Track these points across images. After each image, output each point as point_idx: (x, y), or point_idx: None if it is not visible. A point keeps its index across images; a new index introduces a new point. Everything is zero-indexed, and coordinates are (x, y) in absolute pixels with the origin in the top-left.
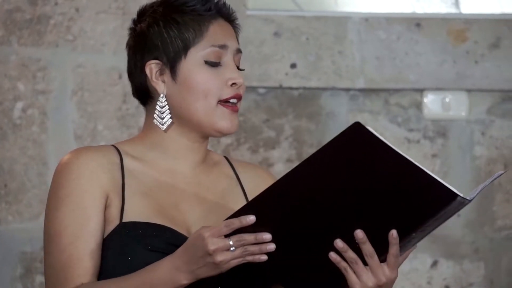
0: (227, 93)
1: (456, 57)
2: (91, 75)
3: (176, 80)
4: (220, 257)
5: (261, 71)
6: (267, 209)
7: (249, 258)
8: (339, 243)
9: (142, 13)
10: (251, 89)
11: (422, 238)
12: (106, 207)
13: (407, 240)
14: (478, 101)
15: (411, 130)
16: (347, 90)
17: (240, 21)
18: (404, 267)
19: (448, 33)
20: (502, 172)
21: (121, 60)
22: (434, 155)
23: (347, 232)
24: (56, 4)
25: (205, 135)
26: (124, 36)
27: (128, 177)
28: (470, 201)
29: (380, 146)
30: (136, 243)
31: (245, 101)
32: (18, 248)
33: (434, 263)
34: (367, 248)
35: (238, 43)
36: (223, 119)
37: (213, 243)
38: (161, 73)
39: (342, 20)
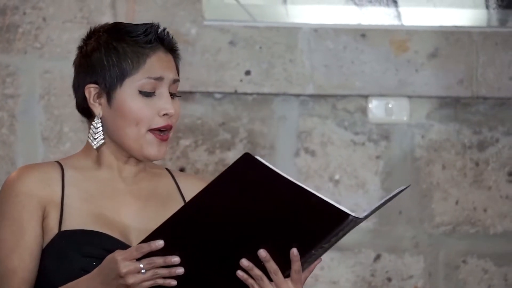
0: (158, 122)
1: (398, 65)
2: (58, 80)
3: (111, 106)
4: (131, 280)
5: (218, 78)
6: (175, 233)
7: (160, 282)
8: (244, 262)
9: (90, 35)
10: (208, 94)
11: (323, 253)
12: (43, 219)
13: (308, 256)
14: (418, 107)
15: (356, 133)
16: (298, 95)
17: (197, 30)
18: (349, 260)
19: (390, 43)
20: (404, 187)
21: None
22: (378, 157)
23: (253, 251)
24: (24, 13)
25: (135, 158)
26: None
27: (68, 187)
28: (362, 219)
29: (270, 174)
30: (72, 250)
31: (203, 105)
32: None
33: (377, 257)
34: (271, 266)
35: (178, 72)
36: (150, 146)
37: (125, 266)
38: (99, 96)
39: (293, 31)
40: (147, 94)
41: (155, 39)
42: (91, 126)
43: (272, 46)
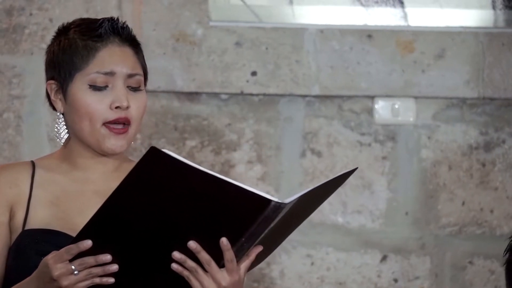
0: (111, 116)
1: (404, 66)
2: None
3: (66, 101)
4: (65, 282)
5: (224, 78)
6: (102, 231)
7: (97, 281)
8: (176, 254)
9: (56, 32)
10: (214, 95)
11: (256, 241)
12: (10, 219)
13: (239, 245)
14: (425, 108)
15: (363, 134)
16: (304, 96)
17: (203, 31)
18: (355, 261)
19: (397, 44)
20: (349, 170)
21: None
22: (384, 158)
23: (184, 243)
24: (31, 14)
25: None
26: None
27: (37, 188)
28: (286, 204)
29: (180, 166)
30: (30, 248)
31: (209, 106)
32: None
33: (384, 258)
34: (203, 256)
35: (142, 65)
36: (106, 140)
37: (57, 269)
38: (58, 92)
39: (299, 32)
40: (98, 88)
41: (106, 32)
42: (56, 122)
43: (278, 47)
